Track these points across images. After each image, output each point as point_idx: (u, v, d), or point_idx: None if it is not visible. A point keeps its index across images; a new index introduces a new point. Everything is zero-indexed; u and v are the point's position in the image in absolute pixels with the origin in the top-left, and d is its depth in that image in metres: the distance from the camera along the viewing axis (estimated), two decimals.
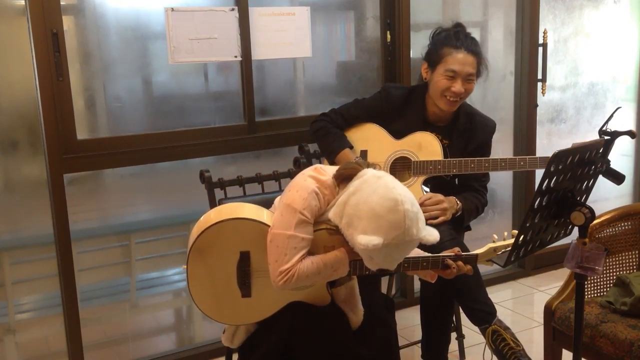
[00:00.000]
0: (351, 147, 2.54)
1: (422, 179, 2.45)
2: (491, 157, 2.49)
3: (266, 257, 1.77)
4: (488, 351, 2.19)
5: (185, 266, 1.87)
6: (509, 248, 1.84)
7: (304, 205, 1.71)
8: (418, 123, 2.51)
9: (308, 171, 1.81)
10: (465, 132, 2.50)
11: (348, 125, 2.60)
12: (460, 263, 1.86)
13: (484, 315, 2.20)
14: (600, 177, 1.88)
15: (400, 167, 2.51)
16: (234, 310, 1.90)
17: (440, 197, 2.29)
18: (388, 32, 3.14)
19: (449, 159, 2.42)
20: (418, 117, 2.52)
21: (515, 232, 1.85)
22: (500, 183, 3.73)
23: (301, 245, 1.72)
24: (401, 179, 2.47)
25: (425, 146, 2.45)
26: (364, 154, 2.55)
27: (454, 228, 2.34)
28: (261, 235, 1.80)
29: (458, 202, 2.37)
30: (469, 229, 2.59)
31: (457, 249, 1.88)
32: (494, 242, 1.91)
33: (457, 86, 2.39)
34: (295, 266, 1.71)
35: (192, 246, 1.84)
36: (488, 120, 2.57)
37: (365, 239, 1.63)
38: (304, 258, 1.73)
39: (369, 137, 2.55)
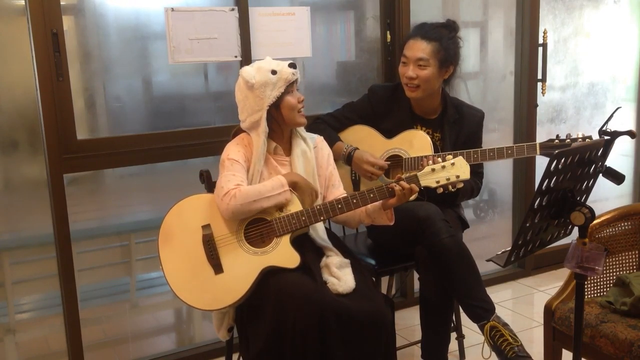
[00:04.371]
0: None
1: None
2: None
3: (226, 224, 2.05)
4: (487, 348, 2.19)
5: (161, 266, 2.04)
6: (444, 166, 2.00)
7: (226, 153, 2.13)
8: (406, 118, 2.54)
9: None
10: (455, 123, 2.53)
11: (341, 127, 2.63)
12: (403, 183, 2.02)
13: (482, 312, 2.21)
14: (600, 177, 1.88)
15: (393, 166, 2.52)
16: (212, 293, 2.01)
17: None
18: (388, 32, 3.14)
19: (437, 153, 2.42)
20: (406, 112, 2.55)
21: (450, 156, 2.01)
22: (500, 183, 3.73)
23: (233, 178, 2.05)
24: (395, 176, 2.47)
25: (416, 143, 2.47)
26: None
27: (453, 225, 2.35)
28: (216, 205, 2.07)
29: None
30: (467, 226, 2.60)
31: (398, 175, 2.06)
32: (434, 163, 2.03)
33: (408, 71, 2.44)
34: (232, 189, 2.01)
35: (159, 233, 2.06)
36: (476, 111, 2.60)
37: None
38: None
39: (361, 139, 2.57)
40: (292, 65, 2.11)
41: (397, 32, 3.12)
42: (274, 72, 2.08)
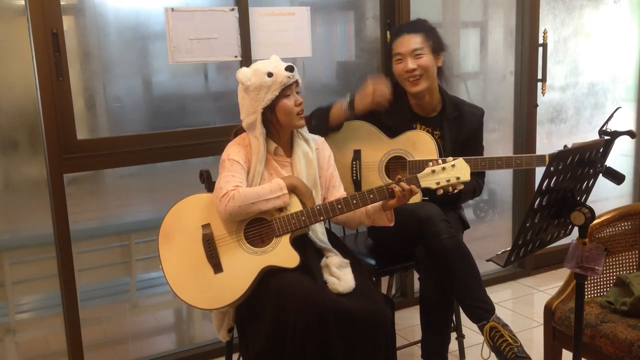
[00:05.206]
0: None
1: None
2: (489, 155, 2.49)
3: (225, 223, 2.05)
4: (487, 349, 2.19)
5: (161, 265, 2.05)
6: (444, 167, 2.00)
7: (227, 153, 2.12)
8: (406, 117, 2.54)
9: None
10: (455, 120, 2.54)
11: None
12: (402, 184, 2.02)
13: (482, 313, 2.20)
14: (600, 177, 1.88)
15: (395, 167, 2.51)
16: (212, 292, 2.01)
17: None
18: (388, 32, 3.14)
19: (443, 157, 2.42)
20: (405, 111, 2.55)
21: (451, 158, 2.01)
22: (500, 183, 3.73)
23: (232, 179, 2.04)
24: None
25: (420, 145, 2.46)
26: (357, 153, 2.55)
27: (454, 225, 2.35)
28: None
29: None
30: (467, 227, 2.60)
31: (398, 176, 2.05)
32: (434, 165, 2.03)
33: (408, 64, 2.46)
34: (231, 190, 2.00)
35: (159, 233, 2.06)
36: (476, 109, 2.62)
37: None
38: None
39: (363, 136, 2.55)
40: (289, 68, 2.07)
41: None
42: (270, 75, 2.06)
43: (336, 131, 2.52)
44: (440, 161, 2.03)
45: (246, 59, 2.77)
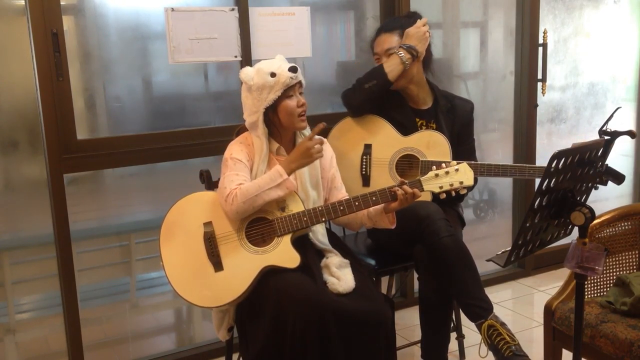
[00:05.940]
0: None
1: None
2: (500, 163, 2.49)
3: (227, 222, 2.05)
4: (484, 348, 2.18)
5: (162, 262, 2.05)
6: (448, 171, 2.01)
7: (229, 152, 2.12)
8: (407, 111, 2.56)
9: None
10: (449, 112, 2.59)
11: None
12: (405, 187, 2.02)
13: (480, 311, 2.20)
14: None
15: (406, 166, 2.51)
16: (212, 290, 2.01)
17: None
18: None
19: (448, 162, 2.42)
20: (404, 105, 2.57)
21: (455, 162, 2.03)
22: (500, 183, 3.73)
23: (236, 178, 2.04)
24: (407, 177, 2.46)
25: (434, 146, 2.46)
26: (368, 147, 2.55)
27: (453, 224, 2.35)
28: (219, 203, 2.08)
29: None
30: (464, 224, 2.60)
31: (401, 179, 2.06)
32: (437, 169, 2.04)
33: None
34: (234, 189, 2.01)
35: (161, 229, 2.06)
36: (466, 102, 2.68)
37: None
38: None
39: (375, 131, 2.54)
40: (292, 69, 2.08)
41: None
42: (273, 75, 2.06)
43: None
44: (444, 165, 2.03)
45: (246, 59, 2.77)
